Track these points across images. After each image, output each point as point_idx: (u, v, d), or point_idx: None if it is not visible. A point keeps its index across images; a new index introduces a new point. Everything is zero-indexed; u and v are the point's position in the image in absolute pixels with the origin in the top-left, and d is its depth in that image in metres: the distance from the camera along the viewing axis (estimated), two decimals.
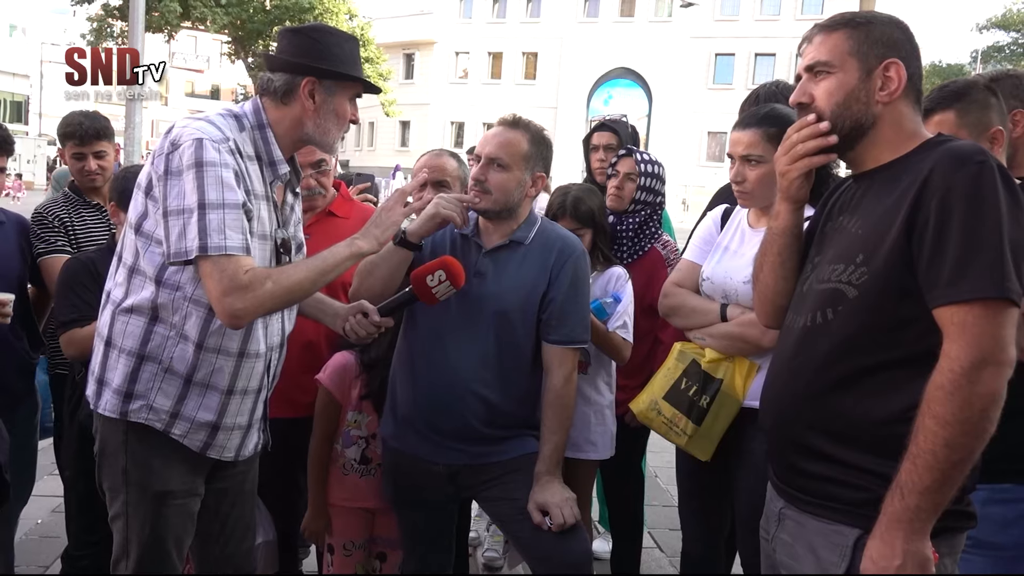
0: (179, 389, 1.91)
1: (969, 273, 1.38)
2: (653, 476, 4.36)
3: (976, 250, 1.39)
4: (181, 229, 1.77)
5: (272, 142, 1.96)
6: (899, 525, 1.41)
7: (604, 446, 2.76)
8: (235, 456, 2.05)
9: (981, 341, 1.37)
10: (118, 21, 25.06)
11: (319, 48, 1.96)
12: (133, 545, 1.94)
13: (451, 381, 2.19)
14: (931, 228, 1.42)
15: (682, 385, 2.34)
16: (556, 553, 2.13)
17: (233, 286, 1.76)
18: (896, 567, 1.41)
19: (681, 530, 2.62)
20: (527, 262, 2.24)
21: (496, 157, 2.21)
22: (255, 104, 1.99)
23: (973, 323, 1.38)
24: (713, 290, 2.37)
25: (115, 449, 1.94)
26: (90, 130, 3.01)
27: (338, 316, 2.17)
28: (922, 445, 1.39)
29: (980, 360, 1.36)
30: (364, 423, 2.52)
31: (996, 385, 1.36)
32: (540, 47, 37.09)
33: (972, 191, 1.41)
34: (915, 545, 1.41)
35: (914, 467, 1.39)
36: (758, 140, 2.25)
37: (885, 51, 1.56)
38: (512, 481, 2.22)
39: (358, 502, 2.53)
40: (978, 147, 1.49)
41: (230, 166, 1.81)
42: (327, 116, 1.98)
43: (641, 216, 2.96)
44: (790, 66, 33.20)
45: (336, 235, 2.64)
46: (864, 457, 1.50)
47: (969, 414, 1.36)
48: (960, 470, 1.39)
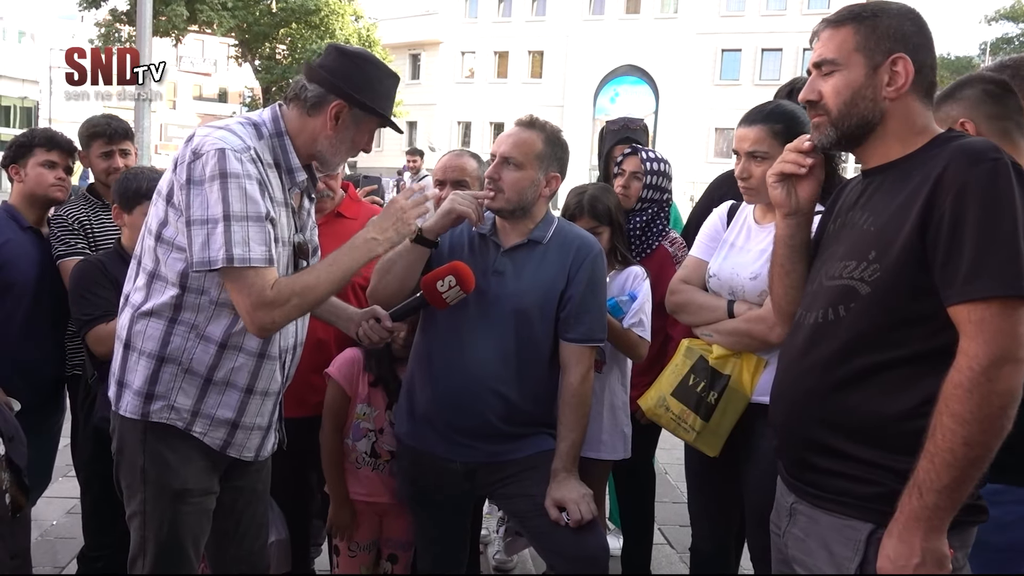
0: (199, 388, 1.94)
1: (985, 271, 1.38)
2: (663, 473, 4.37)
3: (992, 248, 1.39)
4: (205, 239, 1.80)
5: (290, 150, 1.98)
6: (917, 524, 1.41)
7: (618, 446, 2.76)
8: (255, 456, 2.08)
9: (999, 339, 1.37)
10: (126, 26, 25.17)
11: (361, 76, 1.97)
12: (150, 543, 1.97)
13: (470, 379, 2.21)
14: (946, 226, 1.42)
15: (690, 381, 2.35)
16: (572, 548, 2.15)
17: (261, 302, 1.83)
18: (915, 566, 1.41)
19: (691, 526, 2.63)
20: (546, 261, 2.26)
21: (510, 156, 2.23)
22: (273, 112, 2.01)
23: (990, 321, 1.38)
24: (720, 286, 2.38)
25: (134, 448, 1.96)
26: (118, 129, 3.10)
27: (351, 320, 2.21)
28: (940, 443, 1.39)
29: (999, 357, 1.36)
30: (373, 416, 2.54)
31: (1014, 382, 1.37)
32: (546, 46, 37.04)
33: (987, 188, 1.40)
34: (933, 543, 1.41)
35: (932, 465, 1.39)
36: (764, 136, 2.25)
37: (892, 45, 1.56)
38: (528, 478, 2.24)
39: (372, 496, 2.55)
40: (991, 144, 1.49)
41: (253, 176, 1.84)
42: (343, 141, 2.00)
43: (648, 214, 2.97)
44: (797, 62, 33.08)
45: (344, 236, 2.65)
46: (875, 452, 1.50)
47: (988, 411, 1.36)
48: (978, 467, 1.39)
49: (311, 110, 1.97)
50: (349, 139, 2.01)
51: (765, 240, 2.31)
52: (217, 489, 2.05)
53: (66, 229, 2.93)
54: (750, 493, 2.35)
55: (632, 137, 3.44)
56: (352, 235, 2.66)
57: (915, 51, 1.57)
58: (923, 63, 1.57)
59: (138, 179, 2.56)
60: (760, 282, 2.27)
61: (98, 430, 2.46)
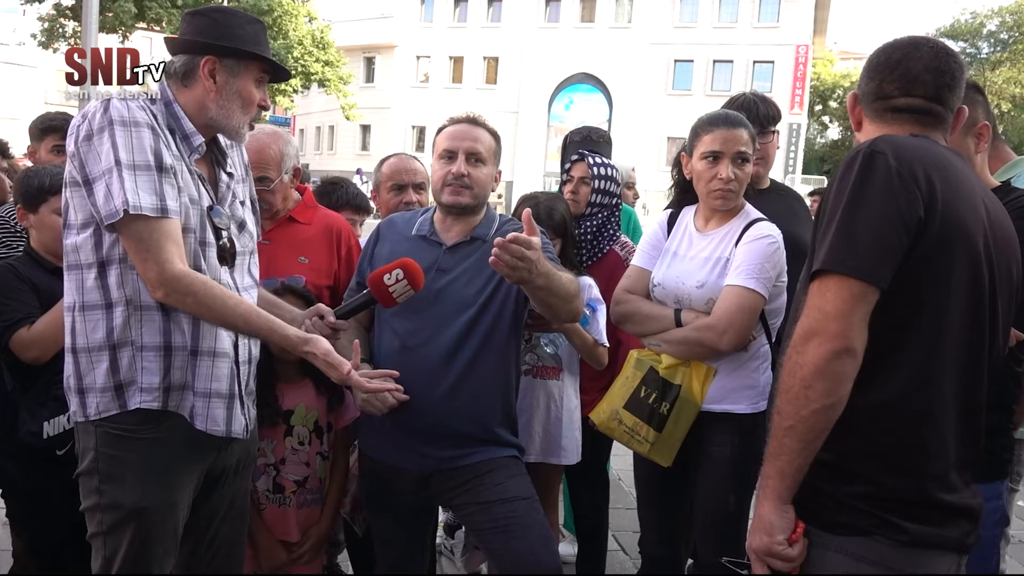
0: (160, 361, 1.87)
1: (819, 251, 1.48)
2: (617, 479, 4.39)
3: (829, 228, 1.48)
4: (106, 191, 1.76)
5: (182, 116, 1.93)
6: (760, 492, 1.52)
7: (572, 451, 2.78)
8: (225, 431, 1.97)
9: (810, 312, 1.45)
10: (70, 21, 24.47)
11: (219, 28, 1.93)
12: (114, 564, 1.89)
13: (422, 382, 2.17)
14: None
15: (641, 393, 2.36)
16: (527, 563, 2.12)
17: (160, 261, 1.76)
18: (751, 529, 1.53)
19: (641, 532, 2.65)
20: (486, 255, 2.25)
21: (476, 152, 2.25)
22: (161, 85, 1.97)
23: (810, 296, 1.47)
24: (665, 295, 2.40)
25: (90, 466, 1.88)
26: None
27: (295, 320, 2.15)
28: (772, 414, 1.49)
29: (807, 330, 1.44)
30: (270, 450, 2.39)
31: (816, 356, 1.42)
32: (501, 52, 37.13)
33: (842, 176, 1.52)
34: (762, 510, 1.50)
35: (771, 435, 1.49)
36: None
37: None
38: (480, 485, 2.21)
39: (279, 535, 2.42)
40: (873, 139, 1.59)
41: (143, 123, 1.80)
42: (230, 98, 1.95)
43: (599, 219, 2.99)
44: (747, 73, 33.76)
45: (296, 240, 2.62)
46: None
47: (791, 383, 1.45)
48: (795, 439, 1.44)
49: (185, 80, 1.94)
50: (235, 93, 1.95)
51: (708, 248, 2.35)
52: (183, 507, 1.95)
53: (7, 231, 2.83)
54: (700, 498, 2.38)
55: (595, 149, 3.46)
56: (305, 241, 2.64)
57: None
58: None
59: (40, 176, 2.42)
60: (707, 290, 2.30)
61: (24, 446, 2.32)
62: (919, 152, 1.49)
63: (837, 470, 1.49)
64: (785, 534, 1.48)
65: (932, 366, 1.48)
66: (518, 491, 2.21)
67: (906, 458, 1.49)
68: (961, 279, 1.48)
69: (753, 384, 2.33)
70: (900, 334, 1.47)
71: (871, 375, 1.44)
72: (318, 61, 28.21)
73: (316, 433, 2.45)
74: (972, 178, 1.59)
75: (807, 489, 1.49)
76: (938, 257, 1.45)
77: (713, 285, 2.30)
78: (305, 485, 2.43)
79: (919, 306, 1.46)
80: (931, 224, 1.43)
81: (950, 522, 1.51)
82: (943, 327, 1.48)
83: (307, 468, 2.43)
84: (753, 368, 2.34)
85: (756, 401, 2.31)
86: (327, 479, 2.50)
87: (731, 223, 2.37)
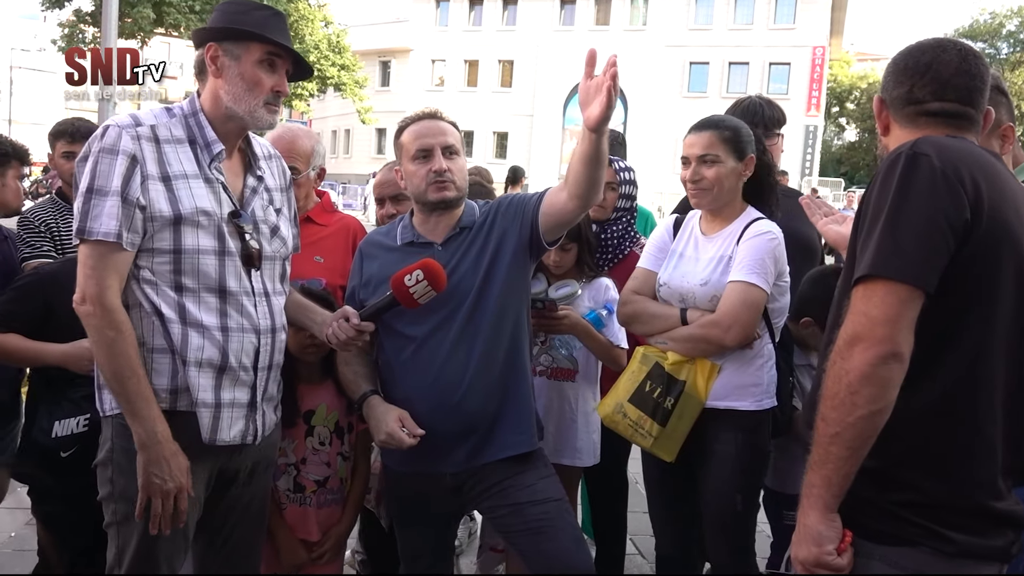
0: (170, 367, 1.90)
1: (864, 256, 1.44)
2: (634, 483, 4.37)
3: (873, 232, 1.45)
4: (78, 210, 1.83)
5: (205, 124, 1.96)
6: (804, 500, 1.47)
7: (588, 453, 2.77)
8: (232, 439, 1.97)
9: (854, 318, 1.42)
10: (90, 27, 24.76)
11: (223, 16, 1.97)
12: (125, 556, 1.93)
13: (439, 380, 2.17)
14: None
15: (646, 388, 2.38)
16: (561, 565, 2.10)
17: (97, 290, 1.80)
18: (795, 542, 1.48)
19: (654, 534, 2.65)
20: (485, 238, 2.25)
21: (449, 145, 2.26)
22: (190, 97, 2.01)
23: (854, 302, 1.44)
24: (670, 295, 2.43)
25: (106, 457, 1.93)
26: (81, 129, 3.11)
27: (324, 324, 2.16)
28: (816, 421, 1.45)
29: (852, 336, 1.41)
30: (291, 448, 2.39)
31: (862, 362, 1.38)
32: (516, 55, 37.20)
33: (885, 177, 1.49)
34: (807, 519, 1.46)
35: (815, 444, 1.45)
36: (715, 141, 2.36)
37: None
38: (512, 487, 2.19)
39: (299, 534, 2.42)
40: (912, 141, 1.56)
41: (123, 151, 1.83)
42: (234, 82, 1.94)
43: (623, 223, 3.00)
44: (763, 75, 33.60)
45: (311, 240, 2.64)
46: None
47: (836, 389, 1.41)
48: (840, 447, 1.41)
49: (200, 75, 1.98)
50: (238, 76, 1.93)
51: (713, 249, 2.40)
52: (193, 500, 1.95)
53: (33, 232, 2.89)
54: (707, 498, 2.38)
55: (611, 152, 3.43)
56: (320, 240, 2.66)
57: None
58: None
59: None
60: (710, 287, 2.34)
61: (37, 443, 2.39)
62: (963, 154, 1.46)
63: (881, 478, 1.46)
64: (834, 544, 1.45)
65: (978, 370, 1.45)
66: (550, 492, 2.21)
67: (953, 464, 1.46)
68: (1007, 281, 1.45)
69: (757, 381, 2.35)
70: (946, 338, 1.44)
71: (916, 380, 1.41)
72: (334, 65, 28.40)
73: (337, 434, 2.46)
74: (1012, 180, 1.57)
75: (850, 498, 1.45)
76: (984, 259, 1.43)
77: (716, 283, 2.34)
78: (325, 485, 2.44)
79: (965, 309, 1.44)
80: (977, 226, 1.41)
81: (997, 531, 1.48)
82: (989, 330, 1.45)
83: (328, 468, 2.44)
84: (757, 366, 2.36)
85: (760, 399, 2.34)
86: (348, 479, 2.51)
87: (733, 224, 2.41)
